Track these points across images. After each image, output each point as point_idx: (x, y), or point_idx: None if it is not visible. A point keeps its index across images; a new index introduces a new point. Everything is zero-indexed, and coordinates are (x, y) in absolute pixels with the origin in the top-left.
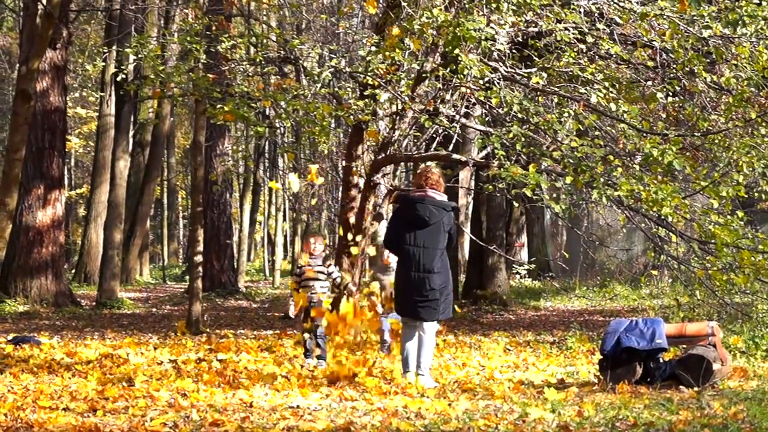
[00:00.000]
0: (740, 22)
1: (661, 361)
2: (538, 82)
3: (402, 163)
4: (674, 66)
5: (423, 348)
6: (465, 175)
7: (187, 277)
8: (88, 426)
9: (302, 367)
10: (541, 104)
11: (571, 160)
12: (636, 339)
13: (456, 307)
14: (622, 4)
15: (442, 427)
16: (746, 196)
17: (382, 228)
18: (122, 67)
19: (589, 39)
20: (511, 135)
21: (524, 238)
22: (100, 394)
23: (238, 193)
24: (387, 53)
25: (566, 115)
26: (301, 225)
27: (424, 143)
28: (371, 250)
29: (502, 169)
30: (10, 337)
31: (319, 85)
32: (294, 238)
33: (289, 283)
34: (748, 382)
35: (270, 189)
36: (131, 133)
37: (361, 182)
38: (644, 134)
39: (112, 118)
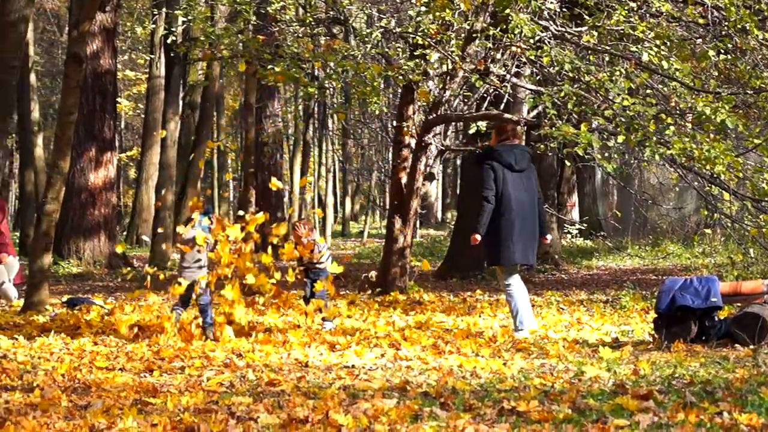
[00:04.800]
0: None
1: (716, 319)
2: (589, 41)
3: (453, 123)
4: (726, 23)
5: (525, 296)
6: None
7: None
8: (145, 386)
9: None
10: (592, 63)
11: (623, 119)
12: (691, 297)
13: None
14: None
15: (498, 386)
16: None
17: (432, 188)
18: (172, 29)
19: None
20: (562, 94)
21: (575, 198)
22: (155, 354)
23: (288, 155)
24: (437, 13)
25: (617, 73)
26: (351, 186)
27: (474, 103)
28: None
29: (553, 129)
30: (65, 299)
31: (368, 46)
32: (344, 199)
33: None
34: None
35: (320, 150)
36: (181, 95)
37: (413, 142)
38: (696, 92)
39: (162, 80)
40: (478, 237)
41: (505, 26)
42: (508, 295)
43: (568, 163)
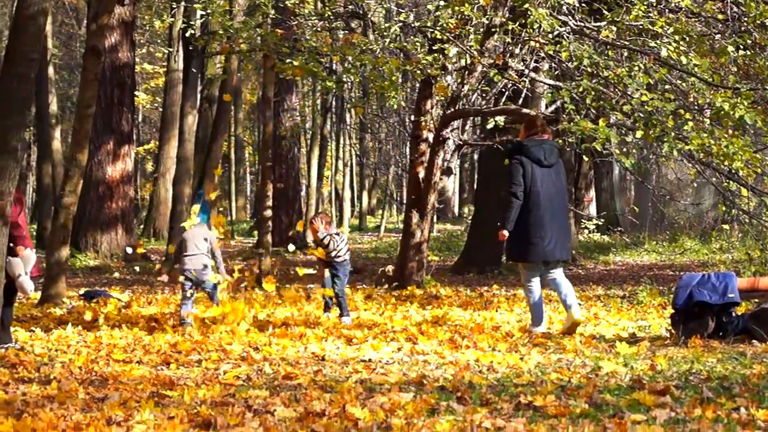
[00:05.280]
0: None
1: (733, 315)
2: (607, 36)
3: (470, 118)
4: (745, 19)
5: (566, 287)
6: None
7: (256, 232)
8: (162, 379)
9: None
10: (611, 58)
11: (642, 114)
12: (708, 293)
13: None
14: None
15: (515, 381)
16: None
17: (449, 183)
18: (190, 23)
19: None
20: (580, 89)
21: (593, 193)
22: (172, 347)
23: (305, 148)
24: (456, 7)
25: (636, 68)
26: (368, 180)
27: (492, 98)
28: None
29: (571, 124)
30: (81, 292)
31: (387, 40)
32: (361, 193)
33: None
34: None
35: (337, 144)
36: (199, 88)
37: (430, 137)
38: (715, 88)
39: (180, 73)
40: (506, 233)
41: (524, 21)
42: (528, 290)
43: (585, 159)
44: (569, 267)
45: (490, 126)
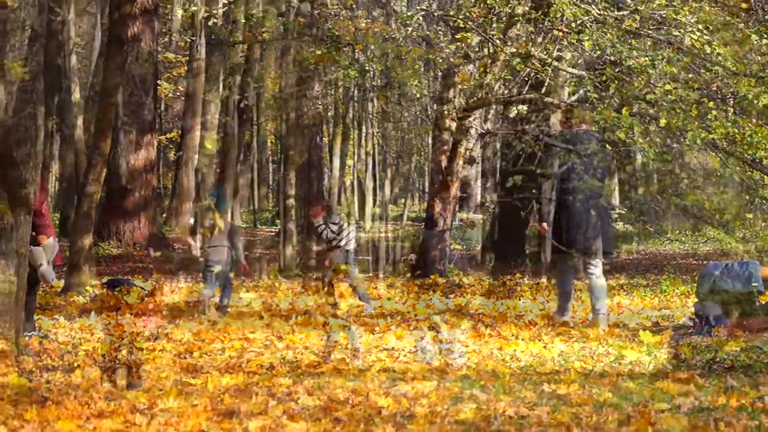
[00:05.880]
0: None
1: (757, 303)
2: (630, 25)
3: (493, 107)
4: None
5: (599, 290)
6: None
7: (278, 221)
8: (185, 366)
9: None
10: (634, 47)
11: (665, 103)
12: (732, 282)
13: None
14: None
15: (538, 369)
16: None
17: (472, 172)
18: (213, 12)
19: None
20: (603, 78)
21: (615, 182)
22: (196, 336)
23: (328, 137)
24: None
25: (660, 58)
26: (390, 169)
27: (515, 86)
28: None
29: (594, 113)
30: (104, 280)
31: (409, 29)
32: (384, 182)
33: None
34: None
35: (359, 133)
36: (221, 77)
37: (453, 126)
38: (739, 77)
39: (202, 62)
40: (546, 225)
41: (546, 9)
42: (559, 280)
43: (608, 147)
44: None
45: (512, 115)
